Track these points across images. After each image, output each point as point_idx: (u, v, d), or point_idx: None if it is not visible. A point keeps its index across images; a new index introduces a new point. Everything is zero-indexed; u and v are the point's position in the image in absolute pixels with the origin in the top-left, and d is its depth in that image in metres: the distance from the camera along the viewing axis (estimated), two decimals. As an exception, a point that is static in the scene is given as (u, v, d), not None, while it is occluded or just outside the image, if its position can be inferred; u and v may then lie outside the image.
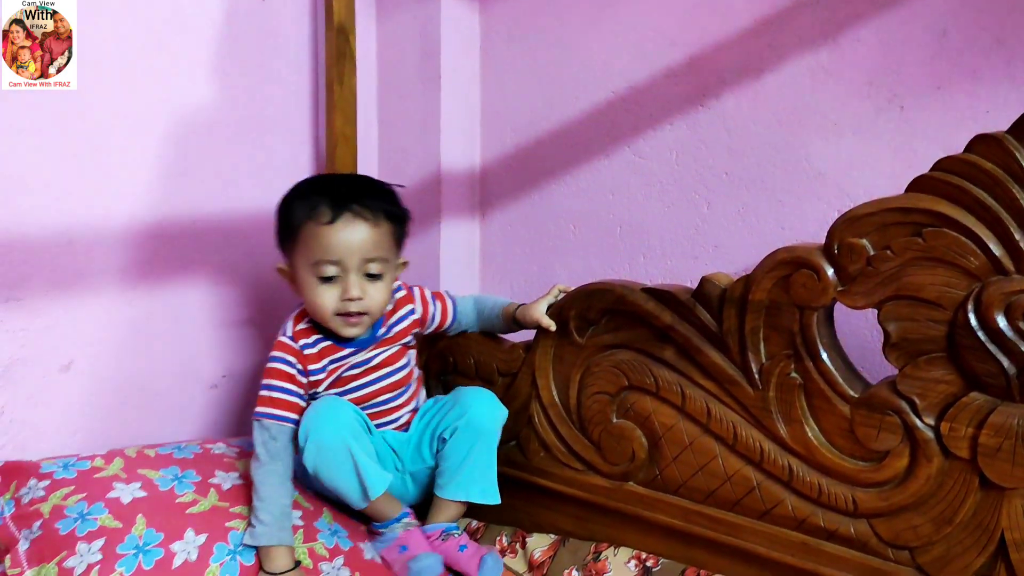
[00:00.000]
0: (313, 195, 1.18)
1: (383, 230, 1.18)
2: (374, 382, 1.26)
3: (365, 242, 1.16)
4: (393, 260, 1.22)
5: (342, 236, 1.15)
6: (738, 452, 1.15)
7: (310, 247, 1.16)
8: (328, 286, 1.17)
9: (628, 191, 1.50)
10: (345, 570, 1.15)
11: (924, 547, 1.02)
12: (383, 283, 1.20)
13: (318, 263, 1.16)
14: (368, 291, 1.18)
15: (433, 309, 1.34)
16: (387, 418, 1.29)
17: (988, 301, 0.94)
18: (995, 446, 0.95)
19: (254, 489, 1.14)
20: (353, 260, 1.16)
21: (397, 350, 1.28)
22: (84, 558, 1.03)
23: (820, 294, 1.06)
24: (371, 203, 1.17)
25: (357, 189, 1.19)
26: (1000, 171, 0.92)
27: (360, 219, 1.16)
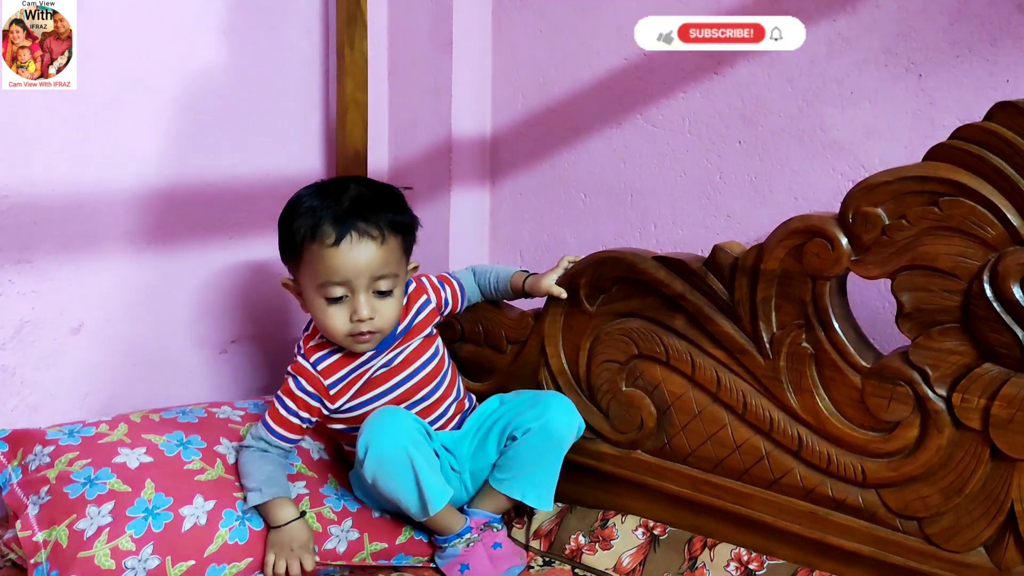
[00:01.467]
0: (315, 212, 1.11)
1: (390, 245, 1.13)
2: (405, 380, 1.22)
3: (372, 261, 1.11)
4: (403, 272, 1.17)
5: (348, 257, 1.10)
6: (747, 421, 1.15)
7: (315, 269, 1.11)
8: (337, 307, 1.12)
9: (640, 159, 1.49)
10: (355, 531, 1.16)
11: (933, 518, 1.02)
12: (393, 298, 1.15)
13: (324, 284, 1.11)
14: (379, 309, 1.13)
15: (445, 294, 1.30)
16: (432, 415, 1.24)
17: (1004, 271, 0.93)
18: (1007, 417, 0.95)
19: (239, 470, 1.15)
20: (361, 280, 1.11)
21: (420, 343, 1.24)
22: (94, 520, 1.04)
23: (833, 264, 1.05)
24: (377, 218, 1.12)
25: (361, 203, 1.12)
26: (1020, 139, 0.91)
27: (366, 237, 1.10)
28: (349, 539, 1.16)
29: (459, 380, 1.32)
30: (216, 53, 1.45)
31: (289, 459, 1.21)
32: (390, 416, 1.14)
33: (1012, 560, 0.97)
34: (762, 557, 1.14)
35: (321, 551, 1.14)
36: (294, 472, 1.21)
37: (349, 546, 1.16)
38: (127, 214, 1.37)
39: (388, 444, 1.10)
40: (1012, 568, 0.97)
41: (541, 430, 1.18)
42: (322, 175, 1.62)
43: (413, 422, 1.16)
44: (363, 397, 1.20)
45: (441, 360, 1.27)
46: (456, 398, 1.28)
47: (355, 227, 1.10)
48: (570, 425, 1.21)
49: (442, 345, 1.29)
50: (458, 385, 1.30)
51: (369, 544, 1.17)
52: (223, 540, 1.08)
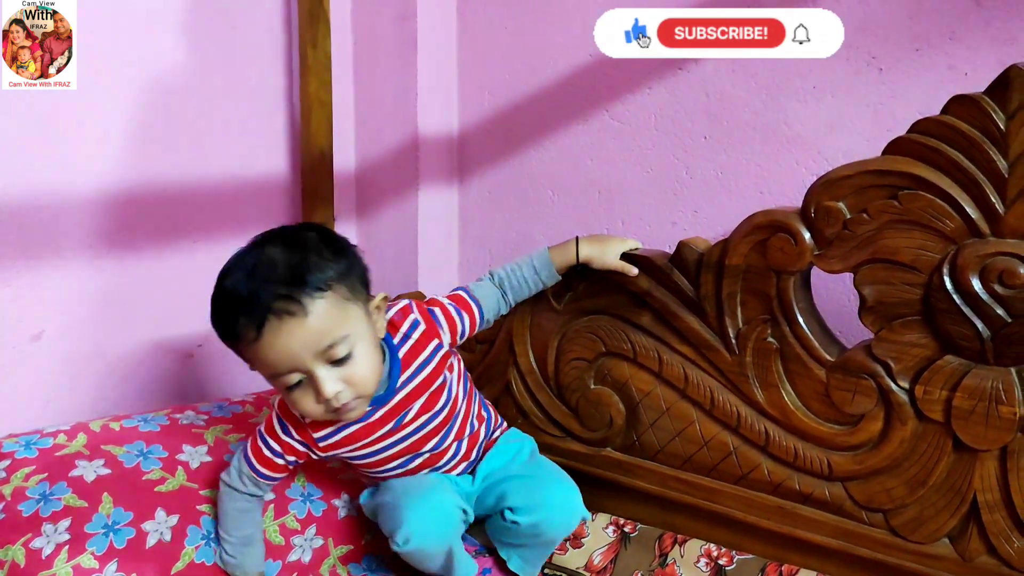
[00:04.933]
0: (226, 311, 0.96)
1: (328, 304, 0.93)
2: (409, 436, 1.08)
3: (308, 339, 0.93)
4: (362, 320, 0.98)
5: (277, 346, 0.92)
6: (715, 417, 1.15)
7: (256, 365, 0.98)
8: (300, 391, 0.97)
9: (607, 155, 1.48)
10: (319, 538, 1.15)
11: (897, 509, 1.02)
12: (360, 357, 0.97)
13: (272, 377, 0.97)
14: (347, 376, 0.96)
15: (462, 326, 1.12)
16: (440, 462, 1.13)
17: (963, 264, 0.93)
18: (969, 408, 0.96)
19: (219, 510, 1.09)
20: (307, 360, 0.94)
21: (429, 396, 1.07)
22: (51, 538, 1.01)
23: (797, 258, 1.05)
24: (294, 288, 0.92)
25: (271, 276, 0.93)
26: (977, 132, 0.91)
27: (287, 317, 0.91)
28: (313, 547, 1.15)
29: (476, 406, 1.18)
30: (175, 53, 1.43)
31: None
32: (434, 509, 1.05)
33: (976, 550, 0.97)
34: (732, 552, 1.15)
35: (286, 564, 1.13)
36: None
37: (314, 554, 1.15)
38: (87, 217, 1.34)
39: (433, 540, 1.04)
40: (976, 558, 0.97)
41: (531, 528, 1.10)
42: (288, 175, 1.61)
43: (456, 507, 1.07)
44: (359, 452, 1.08)
45: (453, 404, 1.11)
46: (469, 432, 1.16)
47: (271, 311, 0.91)
48: (565, 526, 1.12)
49: (456, 379, 1.12)
50: (471, 419, 1.16)
51: (335, 548, 1.16)
52: (190, 558, 1.06)
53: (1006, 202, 0.91)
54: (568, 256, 1.19)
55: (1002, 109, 0.90)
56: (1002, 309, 0.92)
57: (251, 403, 1.34)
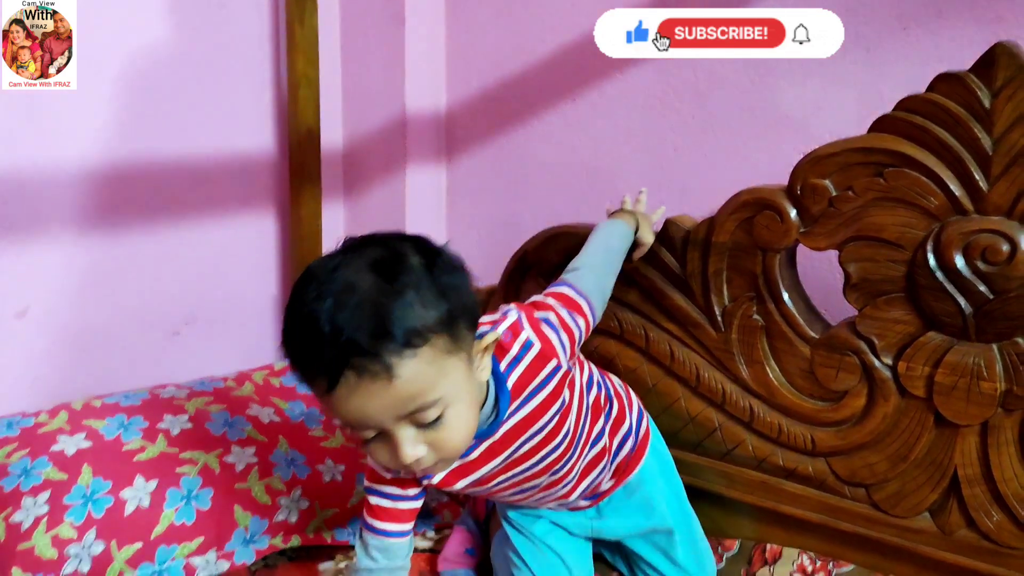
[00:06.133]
0: (298, 345, 0.76)
1: (418, 367, 0.74)
2: (520, 473, 0.93)
3: (390, 405, 0.75)
4: (462, 373, 0.79)
5: (352, 406, 0.75)
6: (700, 394, 1.16)
7: (327, 409, 0.80)
8: (376, 444, 0.79)
9: (595, 135, 1.48)
10: (304, 500, 1.15)
11: (879, 484, 1.03)
12: (452, 417, 0.78)
13: (344, 427, 0.85)
14: (433, 440, 0.78)
15: (579, 332, 0.95)
16: (557, 501, 1.02)
17: (947, 241, 0.94)
18: (951, 384, 0.97)
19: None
20: (386, 423, 0.76)
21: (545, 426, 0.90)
22: (30, 512, 1.02)
23: (783, 236, 1.06)
24: (379, 344, 0.72)
25: (359, 321, 0.72)
26: (962, 110, 0.92)
27: (367, 378, 0.72)
28: (300, 508, 1.15)
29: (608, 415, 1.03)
30: (161, 29, 1.41)
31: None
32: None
33: (956, 524, 0.99)
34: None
35: (272, 523, 1.13)
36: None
37: (300, 515, 1.15)
38: (72, 194, 1.34)
39: None
40: (956, 531, 0.99)
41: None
42: (275, 153, 1.60)
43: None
44: (467, 488, 0.94)
45: (573, 434, 0.94)
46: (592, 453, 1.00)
47: (350, 366, 0.72)
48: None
49: (579, 397, 0.95)
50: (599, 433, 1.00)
51: (321, 511, 1.17)
52: (170, 521, 1.07)
53: (990, 179, 0.92)
54: (632, 224, 1.12)
55: (987, 86, 0.90)
56: (984, 286, 0.93)
57: (233, 379, 1.34)
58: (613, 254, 1.08)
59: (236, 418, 1.23)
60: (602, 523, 1.08)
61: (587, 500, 1.06)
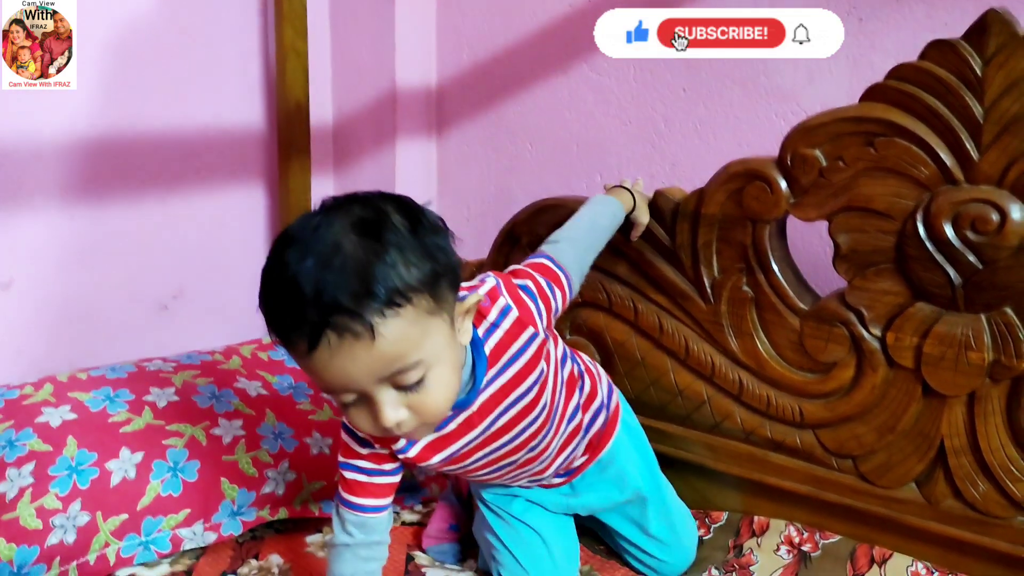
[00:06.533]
0: (275, 306, 0.74)
1: (400, 327, 0.72)
2: (497, 449, 0.92)
3: (372, 365, 0.72)
4: (445, 334, 0.77)
5: (333, 367, 0.72)
6: (689, 366, 1.15)
7: (306, 371, 0.77)
8: (356, 408, 0.78)
9: (585, 108, 1.47)
10: (292, 473, 1.15)
11: (866, 455, 1.03)
12: (434, 380, 0.76)
13: (325, 391, 0.80)
14: (414, 403, 0.76)
15: (555, 303, 0.93)
16: (530, 478, 1.02)
17: (937, 211, 0.94)
18: (939, 355, 0.96)
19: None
20: (367, 385, 0.74)
21: (524, 397, 0.89)
22: (15, 483, 1.02)
23: (772, 207, 1.05)
24: (361, 303, 0.70)
25: (340, 279, 0.70)
26: (953, 78, 0.91)
27: (349, 337, 0.70)
28: (287, 481, 1.15)
29: (581, 389, 1.02)
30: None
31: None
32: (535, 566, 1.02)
33: (942, 494, 0.99)
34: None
35: (259, 496, 1.13)
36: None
37: (288, 488, 1.15)
38: (57, 165, 1.32)
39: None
40: (942, 502, 0.99)
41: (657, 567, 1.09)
42: (263, 127, 1.58)
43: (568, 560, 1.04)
44: (444, 467, 0.93)
45: (550, 407, 0.93)
46: (568, 429, 1.00)
47: (330, 327, 0.70)
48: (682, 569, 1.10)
49: (554, 371, 0.94)
50: (570, 412, 1.00)
51: (308, 484, 1.16)
52: (156, 492, 1.06)
53: (980, 148, 0.91)
54: (628, 203, 1.10)
55: (979, 54, 0.89)
56: (973, 256, 0.92)
57: (221, 353, 1.34)
58: (598, 231, 1.07)
59: (223, 391, 1.22)
60: (577, 500, 1.07)
61: (560, 477, 1.05)
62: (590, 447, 1.05)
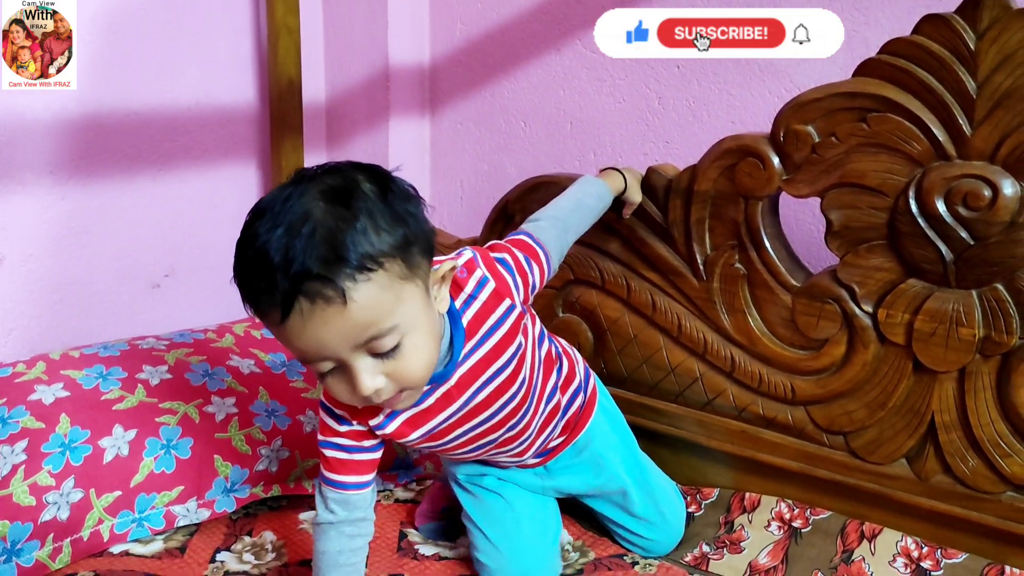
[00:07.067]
0: (247, 278, 0.74)
1: (372, 291, 0.72)
2: (477, 426, 0.92)
3: (346, 331, 0.72)
4: (419, 300, 0.77)
5: (307, 335, 0.72)
6: (682, 344, 1.16)
7: (281, 342, 0.77)
8: (333, 377, 0.78)
9: (579, 86, 1.46)
10: (285, 450, 1.15)
11: (857, 432, 1.04)
12: (411, 346, 0.76)
13: (300, 361, 0.80)
14: (392, 370, 0.76)
15: (532, 279, 0.93)
16: (510, 458, 1.01)
17: (929, 187, 0.93)
18: (930, 331, 0.97)
19: (315, 566, 0.91)
20: (342, 352, 0.74)
21: (502, 372, 0.89)
22: (8, 459, 1.02)
23: (765, 183, 1.05)
24: (332, 269, 0.70)
25: (309, 247, 0.70)
26: (947, 53, 0.90)
27: (320, 303, 0.70)
28: (280, 458, 1.15)
29: (559, 370, 1.02)
30: (137, -27, 1.38)
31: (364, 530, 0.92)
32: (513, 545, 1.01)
33: (932, 470, 0.99)
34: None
35: (253, 473, 1.13)
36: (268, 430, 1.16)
37: (281, 465, 1.15)
38: (47, 143, 1.31)
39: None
40: (931, 477, 0.99)
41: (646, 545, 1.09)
42: (256, 104, 1.57)
43: (554, 554, 1.04)
44: (421, 443, 0.93)
45: (529, 382, 0.93)
46: (547, 408, 0.99)
47: (302, 293, 0.70)
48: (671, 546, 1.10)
49: (532, 346, 0.94)
50: (548, 390, 0.99)
51: (301, 461, 1.17)
52: (149, 469, 1.07)
53: (973, 124, 0.91)
54: (618, 186, 1.10)
55: (972, 29, 0.89)
56: (965, 232, 0.92)
57: (213, 331, 1.34)
58: (583, 211, 1.05)
59: (216, 369, 1.22)
60: (551, 482, 1.07)
61: (537, 458, 1.05)
62: (567, 428, 1.04)
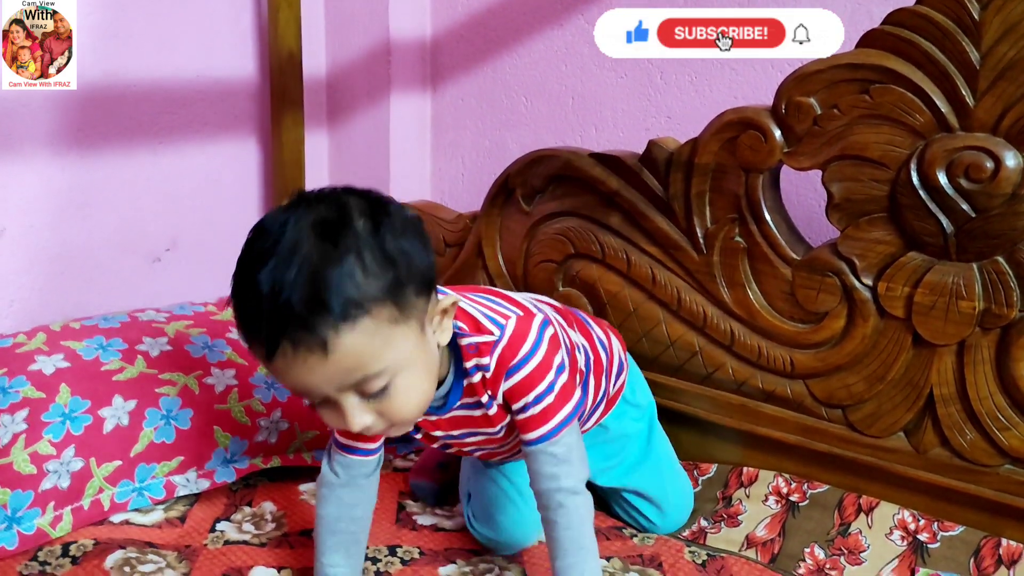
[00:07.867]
0: (236, 308, 0.73)
1: (356, 340, 0.70)
2: (477, 449, 0.97)
3: (330, 376, 0.71)
4: (413, 340, 0.75)
5: (291, 376, 0.72)
6: (681, 317, 1.16)
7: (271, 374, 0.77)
8: (324, 408, 0.76)
9: (580, 61, 1.45)
10: (284, 422, 1.16)
11: (856, 405, 1.04)
12: (402, 386, 0.75)
13: (292, 392, 0.80)
14: (382, 409, 0.75)
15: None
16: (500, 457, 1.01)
17: (931, 159, 0.93)
18: (929, 304, 0.96)
19: (315, 529, 0.92)
20: (329, 392, 0.73)
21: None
22: (8, 428, 1.02)
23: (766, 156, 1.05)
24: (313, 317, 0.68)
25: (297, 291, 0.68)
26: (950, 23, 0.90)
27: (304, 350, 0.69)
28: (280, 430, 1.15)
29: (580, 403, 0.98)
30: (136, -56, 1.37)
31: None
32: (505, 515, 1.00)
33: (930, 443, 0.99)
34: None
35: (252, 444, 1.14)
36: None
37: (280, 437, 1.15)
38: (46, 115, 1.31)
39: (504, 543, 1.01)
40: (929, 450, 0.99)
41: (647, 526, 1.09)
42: (256, 78, 1.57)
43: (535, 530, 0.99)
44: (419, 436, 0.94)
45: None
46: None
47: (287, 337, 0.69)
48: (678, 525, 1.11)
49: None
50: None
51: (301, 433, 1.17)
52: (149, 439, 1.07)
53: (976, 95, 0.90)
54: None
55: (977, -2, 0.88)
56: (967, 204, 0.92)
57: (213, 303, 1.34)
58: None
59: (216, 341, 1.22)
60: None
61: None
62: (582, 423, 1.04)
